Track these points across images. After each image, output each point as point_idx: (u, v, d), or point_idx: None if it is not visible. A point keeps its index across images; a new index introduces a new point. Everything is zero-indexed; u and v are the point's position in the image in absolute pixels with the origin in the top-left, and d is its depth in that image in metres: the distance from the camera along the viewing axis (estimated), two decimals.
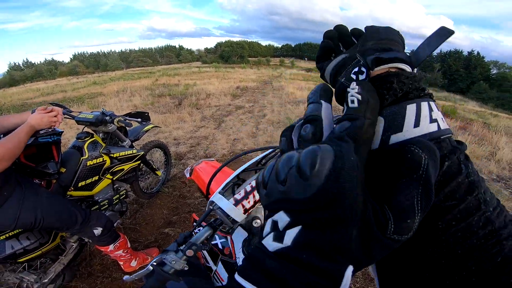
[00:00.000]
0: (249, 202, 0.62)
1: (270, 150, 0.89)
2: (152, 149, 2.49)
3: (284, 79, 15.93)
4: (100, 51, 61.07)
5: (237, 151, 3.68)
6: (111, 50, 64.35)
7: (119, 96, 8.54)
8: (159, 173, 2.56)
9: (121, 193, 1.95)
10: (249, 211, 0.64)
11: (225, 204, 0.63)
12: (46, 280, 1.51)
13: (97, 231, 1.49)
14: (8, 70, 49.01)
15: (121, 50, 64.23)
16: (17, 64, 50.05)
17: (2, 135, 1.34)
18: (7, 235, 1.28)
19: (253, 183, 0.64)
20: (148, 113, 2.16)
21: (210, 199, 0.70)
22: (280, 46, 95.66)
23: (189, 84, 11.29)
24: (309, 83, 14.97)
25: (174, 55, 64.94)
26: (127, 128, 1.98)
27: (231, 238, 0.90)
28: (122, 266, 1.75)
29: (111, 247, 1.60)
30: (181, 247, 0.59)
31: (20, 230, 1.31)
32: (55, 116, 1.33)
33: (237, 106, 6.84)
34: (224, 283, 0.84)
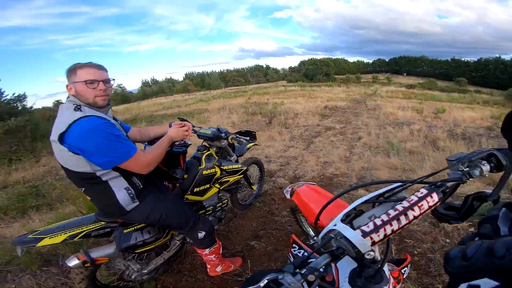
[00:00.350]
0: (378, 235, 0.61)
1: (397, 184, 0.79)
2: (250, 165, 2.68)
3: (380, 98, 14.52)
4: (204, 71, 70.91)
5: (328, 175, 3.52)
6: (212, 70, 74.00)
7: (220, 113, 9.73)
8: (254, 187, 2.73)
9: (223, 202, 2.10)
10: (376, 244, 0.63)
11: (352, 234, 0.62)
12: (145, 271, 1.65)
13: (201, 234, 1.60)
14: (141, 86, 62.43)
15: (220, 70, 72.79)
16: (146, 81, 64.52)
17: (147, 143, 1.64)
18: (135, 227, 1.45)
19: (384, 217, 0.63)
20: (255, 132, 2.32)
21: (328, 227, 0.69)
22: (371, 61, 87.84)
23: (277, 103, 11.77)
24: (411, 101, 13.12)
25: (262, 74, 69.12)
26: (238, 145, 2.16)
27: (335, 265, 0.87)
28: (208, 269, 1.83)
29: (207, 250, 1.69)
30: (301, 271, 0.59)
31: (144, 224, 1.47)
32: (187, 131, 1.54)
33: (327, 127, 6.62)
34: None
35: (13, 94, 9.67)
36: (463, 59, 59.52)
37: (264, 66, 75.14)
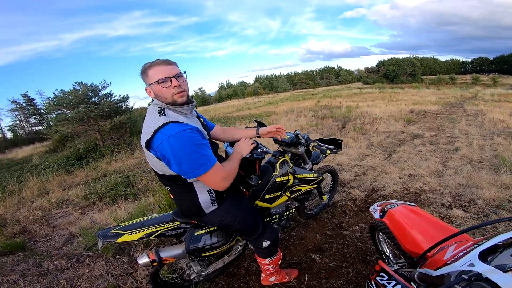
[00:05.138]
0: None
1: None
2: (324, 173, 2.52)
3: (483, 101, 11.83)
4: (273, 74, 72.17)
5: (414, 190, 3.05)
6: (280, 73, 74.74)
7: (288, 116, 9.72)
8: (325, 198, 2.54)
9: (290, 211, 2.01)
10: None
11: (502, 278, 0.50)
12: (204, 273, 1.66)
13: (266, 243, 1.54)
14: (218, 89, 67.48)
15: (288, 73, 72.96)
16: (223, 84, 69.83)
17: (229, 143, 1.61)
18: (206, 230, 1.46)
19: None
20: (342, 140, 2.06)
21: (457, 266, 0.59)
22: (469, 60, 73.00)
23: (351, 106, 11.00)
24: None
25: (333, 76, 66.04)
26: (321, 153, 2.00)
27: None
28: (262, 277, 1.77)
29: (267, 260, 1.62)
30: None
31: (215, 228, 1.46)
32: (252, 144, 1.48)
33: (413, 134, 5.76)
34: None
35: (119, 95, 11.42)
36: None
37: (336, 67, 71.71)
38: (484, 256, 0.64)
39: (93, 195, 4.07)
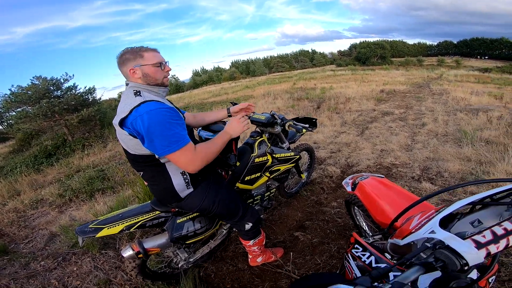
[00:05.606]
0: (498, 247, 0.52)
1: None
2: (301, 152, 2.53)
3: (448, 82, 12.61)
4: (249, 59, 71.17)
5: (386, 165, 3.18)
6: (256, 57, 73.64)
7: (265, 98, 9.68)
8: (304, 176, 2.57)
9: (271, 191, 2.01)
10: (491, 256, 0.57)
11: (461, 245, 0.52)
12: (192, 259, 1.67)
13: (248, 225, 1.55)
14: (192, 76, 65.85)
15: (264, 57, 72.03)
16: (197, 70, 67.81)
17: (201, 128, 1.59)
18: (188, 217, 1.44)
19: (508, 226, 0.53)
20: (316, 119, 2.09)
21: (420, 234, 0.60)
22: (435, 43, 77.16)
23: (326, 88, 11.19)
24: (488, 87, 11.12)
25: (308, 59, 66.47)
26: (296, 132, 2.00)
27: None
28: (249, 259, 1.81)
29: (251, 242, 1.65)
30: (380, 284, 0.50)
31: (196, 214, 1.45)
32: (248, 124, 1.43)
33: (384, 112, 6.00)
34: None
35: (85, 87, 11.07)
36: None
37: (310, 50, 72.04)
38: (445, 224, 0.66)
39: (68, 192, 3.97)
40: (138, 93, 1.11)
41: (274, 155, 1.85)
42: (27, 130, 9.88)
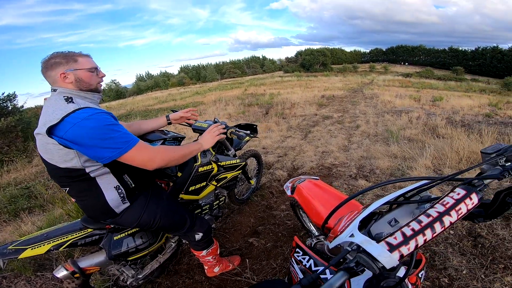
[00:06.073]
0: (409, 248, 0.51)
1: (424, 182, 0.69)
2: (248, 158, 2.56)
3: (377, 86, 14.40)
4: (200, 64, 69.24)
5: (327, 165, 3.45)
6: (208, 63, 72.12)
7: (216, 105, 9.59)
8: (252, 181, 2.60)
9: (220, 199, 1.99)
10: (404, 258, 0.54)
11: (376, 249, 0.52)
12: (140, 276, 1.58)
13: (198, 236, 1.51)
14: (136, 81, 61.05)
15: (216, 63, 71.26)
16: (141, 75, 63.22)
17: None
18: (126, 233, 1.36)
19: (415, 226, 0.53)
20: (256, 125, 2.14)
21: (342, 238, 0.60)
22: (368, 51, 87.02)
23: (274, 94, 11.65)
24: (409, 90, 13.03)
25: (258, 66, 68.22)
26: (238, 139, 1.99)
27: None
28: (206, 270, 1.77)
29: (204, 252, 1.61)
30: None
31: (136, 229, 1.38)
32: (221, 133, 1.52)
33: (324, 116, 6.53)
34: None
35: (2, 93, 9.55)
36: (460, 48, 59.26)
37: (261, 57, 74.32)
38: (367, 224, 0.68)
39: None
40: (70, 100, 1.04)
41: (219, 163, 1.82)
42: None
